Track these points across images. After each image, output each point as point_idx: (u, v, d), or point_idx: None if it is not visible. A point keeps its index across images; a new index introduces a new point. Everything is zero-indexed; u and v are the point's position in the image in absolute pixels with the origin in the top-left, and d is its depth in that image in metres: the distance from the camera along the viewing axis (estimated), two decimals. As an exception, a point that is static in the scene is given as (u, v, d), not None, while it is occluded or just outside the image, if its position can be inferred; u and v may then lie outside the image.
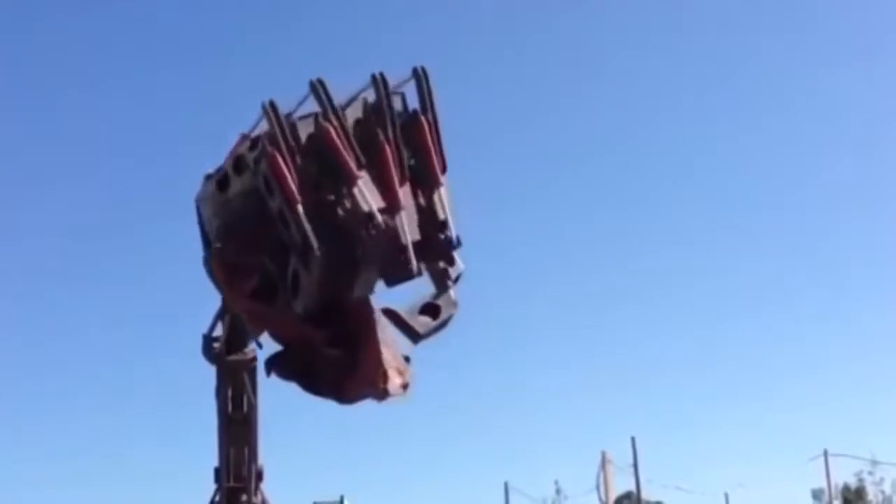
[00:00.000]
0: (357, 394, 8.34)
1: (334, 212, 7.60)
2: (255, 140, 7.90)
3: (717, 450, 67.68)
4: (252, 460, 11.83)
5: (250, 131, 7.98)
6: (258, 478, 11.93)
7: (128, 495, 51.79)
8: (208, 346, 11.06)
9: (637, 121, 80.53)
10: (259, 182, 7.74)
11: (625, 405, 68.88)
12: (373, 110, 7.88)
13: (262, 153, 7.65)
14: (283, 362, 8.64)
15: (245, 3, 77.62)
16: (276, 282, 8.07)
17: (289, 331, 8.36)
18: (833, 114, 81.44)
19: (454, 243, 8.06)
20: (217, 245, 8.43)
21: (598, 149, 77.78)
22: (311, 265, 7.48)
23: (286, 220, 7.52)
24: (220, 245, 8.41)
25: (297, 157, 7.57)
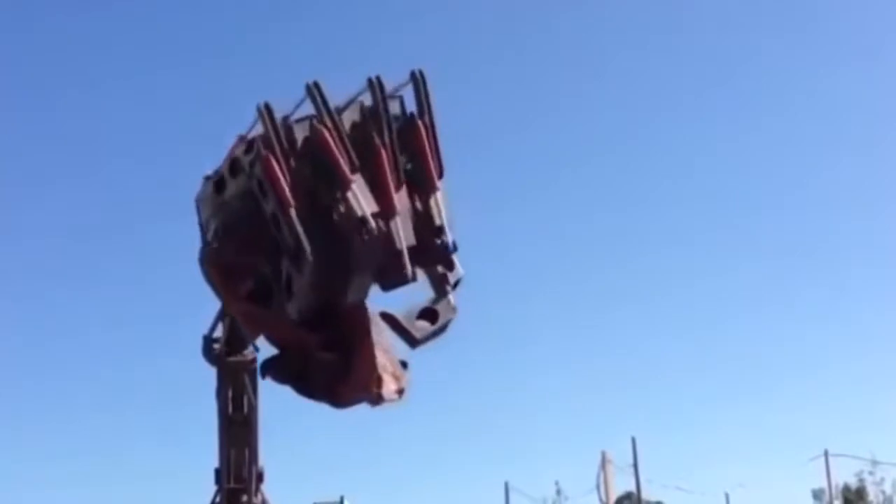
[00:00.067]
0: (351, 398, 8.28)
1: (329, 215, 7.56)
2: (250, 142, 7.86)
3: (718, 450, 67.10)
4: (252, 461, 11.84)
5: (247, 133, 7.95)
6: (258, 479, 11.94)
7: (128, 495, 51.57)
8: (209, 348, 11.05)
9: (637, 121, 79.83)
10: (253, 185, 7.71)
11: (625, 405, 68.32)
12: (370, 114, 7.84)
13: (257, 156, 7.62)
14: (279, 365, 8.59)
15: (245, 3, 77.32)
16: (271, 285, 8.04)
17: (283, 334, 8.31)
18: (833, 114, 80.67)
19: (450, 248, 8.01)
20: (214, 246, 8.39)
21: (598, 149, 77.19)
22: (304, 269, 7.43)
23: (279, 223, 7.48)
24: (217, 246, 8.37)
25: (291, 161, 7.54)
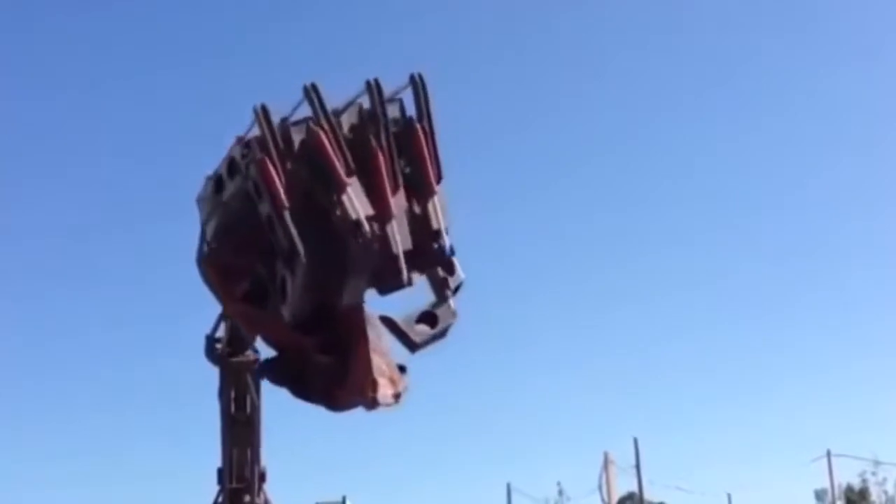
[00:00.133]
0: (347, 402, 8.24)
1: (326, 218, 7.52)
2: (247, 143, 7.84)
3: (720, 450, 67.34)
4: (255, 461, 11.81)
5: (245, 134, 7.91)
6: (261, 478, 11.90)
7: (128, 495, 51.90)
8: (211, 348, 11.03)
9: (637, 121, 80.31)
10: (249, 186, 7.68)
11: (627, 406, 69.13)
12: (368, 117, 7.79)
13: (252, 157, 7.59)
14: (276, 367, 8.58)
15: (245, 3, 77.65)
16: (267, 286, 8.01)
17: (280, 336, 8.29)
18: (833, 114, 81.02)
19: (447, 253, 7.96)
20: (212, 247, 8.37)
21: (598, 149, 77.58)
22: (297, 271, 7.40)
23: (274, 225, 7.45)
24: (215, 247, 8.35)
25: (287, 163, 7.50)
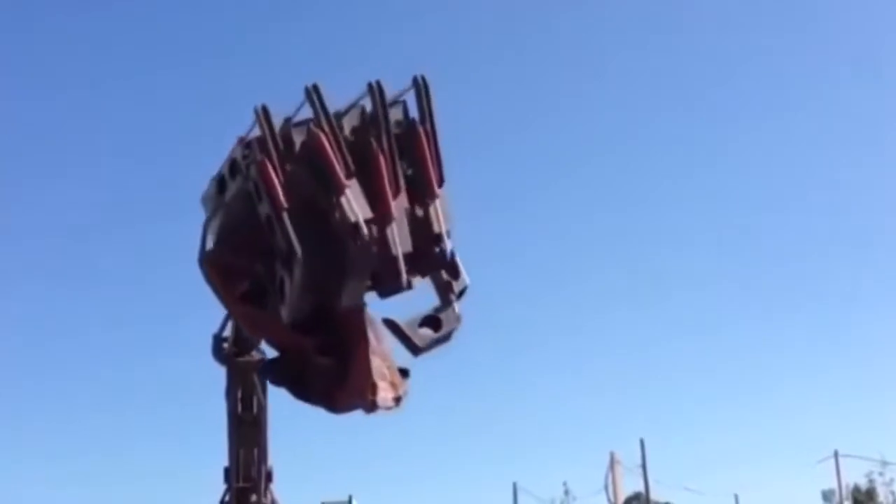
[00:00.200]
0: (347, 404, 8.22)
1: (326, 219, 7.51)
2: (249, 144, 7.84)
3: (726, 451, 66.05)
4: (262, 461, 11.76)
5: (246, 135, 7.92)
6: (268, 478, 11.86)
7: (128, 495, 51.03)
8: (218, 347, 10.99)
9: (637, 121, 78.40)
10: (250, 187, 7.68)
11: (633, 406, 67.87)
12: (370, 119, 7.77)
13: (253, 159, 7.59)
14: (277, 368, 8.59)
15: (245, 3, 76.64)
16: (266, 287, 8.01)
17: (280, 337, 8.29)
18: (833, 114, 78.68)
19: (448, 256, 7.92)
20: (214, 246, 8.38)
21: (598, 149, 75.89)
22: (295, 272, 7.39)
23: (273, 226, 7.45)
24: (218, 246, 8.35)
25: (288, 164, 7.49)
